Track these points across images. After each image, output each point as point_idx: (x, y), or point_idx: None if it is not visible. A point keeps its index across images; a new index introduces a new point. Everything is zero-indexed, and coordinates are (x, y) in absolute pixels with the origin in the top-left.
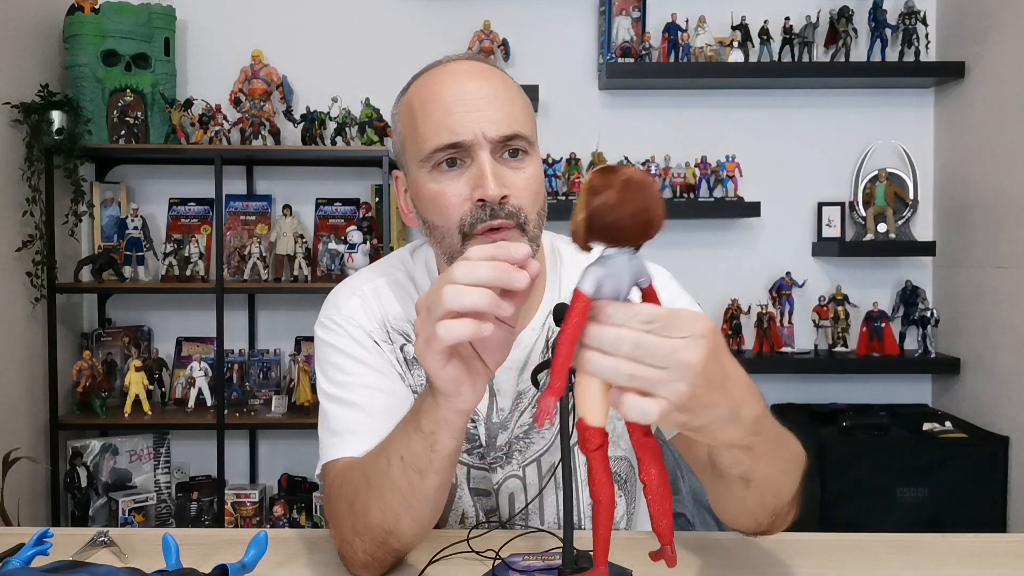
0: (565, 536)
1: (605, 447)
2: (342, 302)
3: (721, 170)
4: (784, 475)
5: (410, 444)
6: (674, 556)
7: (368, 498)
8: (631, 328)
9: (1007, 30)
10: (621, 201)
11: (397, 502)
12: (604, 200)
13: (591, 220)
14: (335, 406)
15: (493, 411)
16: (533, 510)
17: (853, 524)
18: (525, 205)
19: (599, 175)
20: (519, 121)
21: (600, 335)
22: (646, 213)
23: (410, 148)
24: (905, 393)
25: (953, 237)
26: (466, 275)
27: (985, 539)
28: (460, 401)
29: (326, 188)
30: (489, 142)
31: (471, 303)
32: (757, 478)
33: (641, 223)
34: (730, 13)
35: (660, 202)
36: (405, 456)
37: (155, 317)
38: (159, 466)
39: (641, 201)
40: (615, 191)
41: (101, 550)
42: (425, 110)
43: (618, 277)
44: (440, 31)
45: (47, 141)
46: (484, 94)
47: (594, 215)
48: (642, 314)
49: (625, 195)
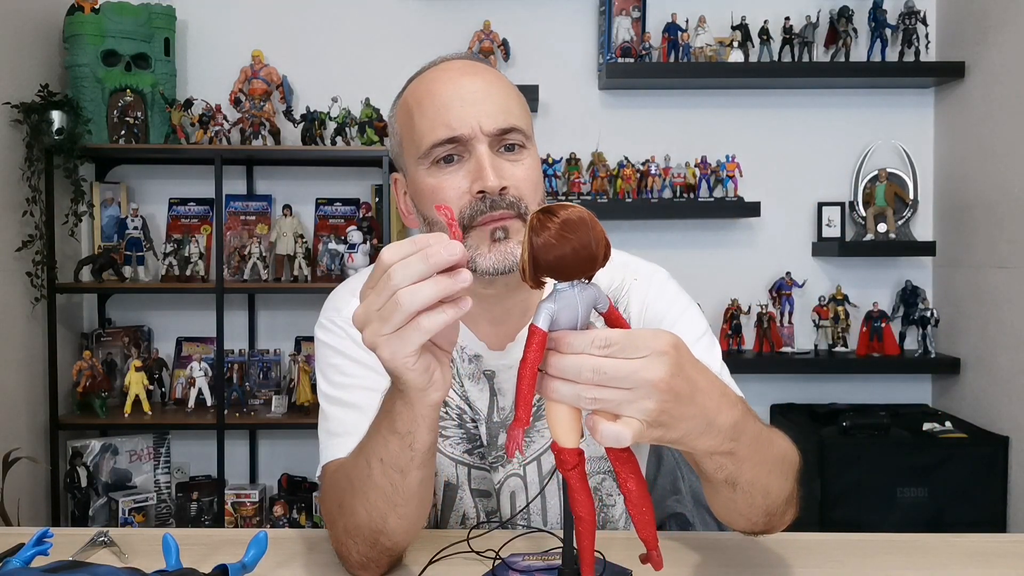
0: (565, 536)
1: (582, 466)
2: (342, 304)
3: (721, 170)
4: (771, 475)
5: (387, 446)
6: (660, 560)
7: (353, 500)
8: (590, 354)
9: (1007, 30)
10: (561, 239)
11: (382, 503)
12: (544, 240)
13: (535, 259)
14: (334, 407)
15: (494, 411)
16: (535, 510)
17: (853, 524)
18: (525, 195)
19: (538, 216)
20: (515, 115)
21: (560, 364)
22: (586, 250)
23: (408, 147)
24: (905, 393)
25: (953, 237)
26: (404, 276)
27: (985, 539)
28: (433, 391)
29: (326, 188)
30: (486, 135)
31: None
32: (743, 481)
33: (582, 259)
34: (730, 13)
35: (600, 237)
36: (384, 458)
37: (155, 317)
38: (159, 466)
39: (580, 239)
40: (554, 231)
41: (101, 550)
42: (421, 108)
43: (571, 308)
44: (440, 31)
45: (47, 141)
46: (479, 88)
47: (537, 255)
48: (598, 339)
49: (564, 234)
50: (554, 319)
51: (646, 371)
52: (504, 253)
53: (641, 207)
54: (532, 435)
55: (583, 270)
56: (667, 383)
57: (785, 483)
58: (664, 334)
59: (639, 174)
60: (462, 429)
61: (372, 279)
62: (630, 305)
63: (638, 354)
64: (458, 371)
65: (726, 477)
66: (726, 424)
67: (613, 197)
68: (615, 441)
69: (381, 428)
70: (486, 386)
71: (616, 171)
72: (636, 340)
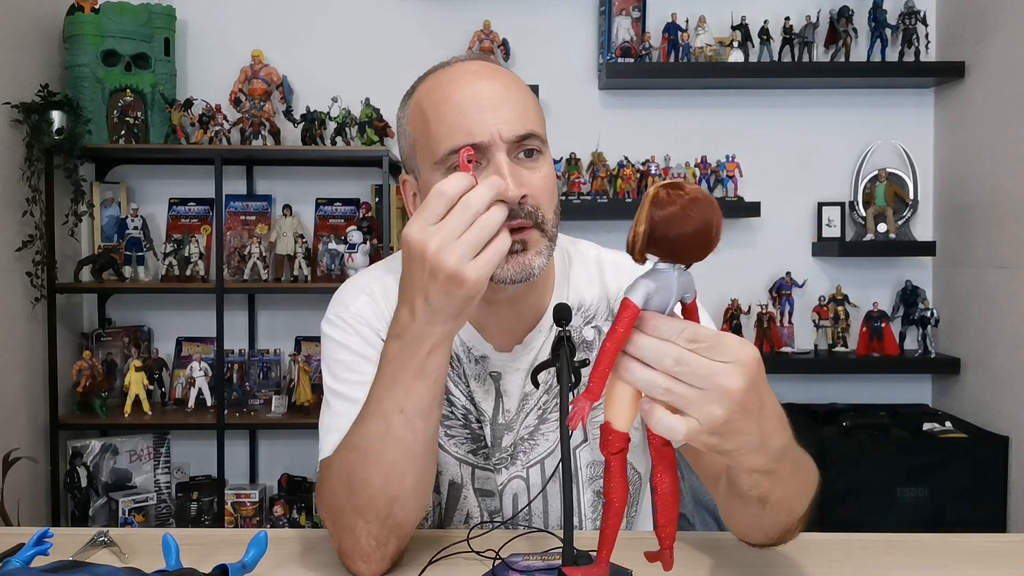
0: (565, 536)
1: (626, 451)
2: (350, 300)
3: (721, 170)
4: (798, 495)
5: (411, 394)
6: (671, 560)
7: (366, 469)
8: (676, 343)
9: (1007, 30)
10: (686, 217)
11: (401, 458)
12: (669, 214)
13: (653, 233)
14: (340, 403)
15: (499, 412)
16: (536, 512)
17: (853, 524)
18: (543, 204)
19: (665, 189)
20: (532, 120)
21: (644, 346)
22: (708, 233)
23: (422, 151)
24: (905, 393)
25: (953, 237)
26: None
27: (985, 539)
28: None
29: (326, 188)
30: (505, 142)
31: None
32: (773, 499)
33: (703, 242)
34: (730, 13)
35: (720, 223)
36: (406, 407)
37: (155, 317)
38: (159, 466)
39: (705, 219)
40: (681, 207)
41: (101, 550)
42: (438, 112)
43: (667, 291)
44: (440, 31)
45: (47, 141)
46: (497, 93)
47: (656, 228)
48: (688, 331)
49: (691, 212)
50: (649, 298)
51: (725, 377)
52: (522, 265)
53: None
54: (537, 439)
55: (697, 253)
56: (741, 395)
57: (807, 502)
58: (749, 346)
59: (639, 174)
60: (467, 429)
61: (432, 210)
62: None
63: (722, 357)
64: (464, 372)
65: (760, 495)
66: (776, 446)
67: (613, 197)
68: (668, 432)
69: (401, 379)
70: (492, 387)
71: (616, 171)
72: (724, 343)
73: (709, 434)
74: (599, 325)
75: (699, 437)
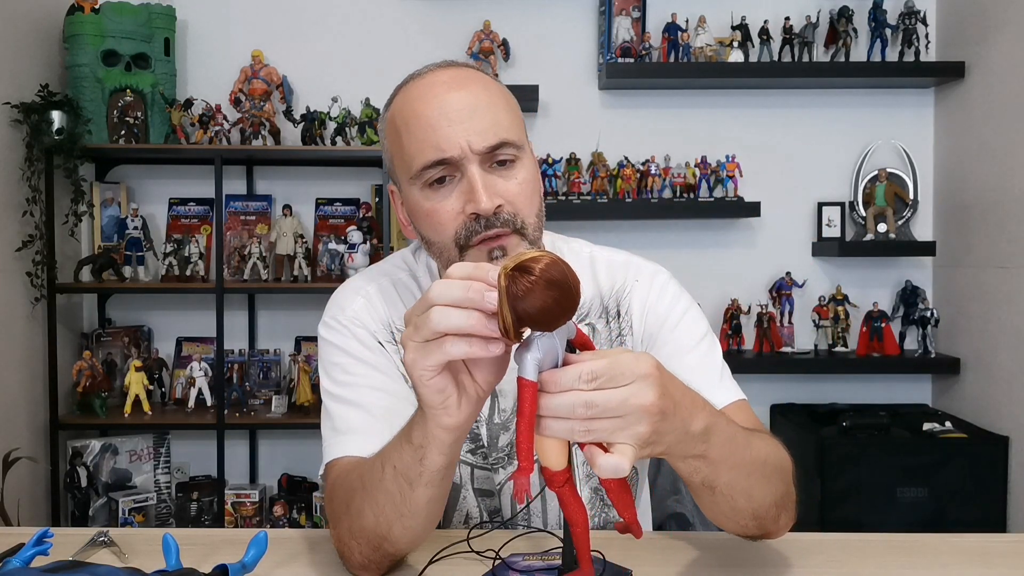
0: (565, 536)
1: (571, 481)
2: (346, 302)
3: (721, 170)
4: (752, 478)
5: (402, 455)
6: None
7: (363, 502)
8: (579, 390)
9: (1007, 30)
10: (543, 293)
11: (389, 509)
12: (527, 297)
13: (519, 317)
14: (338, 406)
15: (495, 412)
16: (536, 512)
17: (853, 524)
18: (521, 210)
19: (513, 276)
20: (504, 127)
21: (553, 405)
22: (569, 298)
23: (399, 165)
24: (905, 393)
25: (953, 237)
26: (442, 295)
27: (985, 539)
28: (446, 416)
29: (326, 188)
30: (476, 154)
31: (457, 324)
32: (720, 484)
33: (567, 304)
34: (730, 13)
35: (576, 279)
36: (397, 466)
37: (155, 317)
38: (159, 466)
39: (561, 286)
40: (533, 286)
41: (101, 550)
42: (408, 127)
43: (552, 350)
44: (440, 31)
45: (47, 141)
46: (466, 104)
47: (522, 312)
48: (584, 373)
49: (545, 288)
50: (540, 366)
51: (636, 397)
52: None
53: (641, 207)
54: None
55: (565, 315)
56: (657, 406)
57: (770, 486)
58: (644, 357)
59: (639, 174)
60: None
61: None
62: (632, 307)
63: (624, 381)
64: None
65: (702, 480)
66: (698, 429)
67: (613, 197)
68: (615, 472)
69: (401, 436)
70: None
71: (616, 171)
72: (620, 368)
73: (643, 448)
74: (593, 322)
75: (637, 456)
